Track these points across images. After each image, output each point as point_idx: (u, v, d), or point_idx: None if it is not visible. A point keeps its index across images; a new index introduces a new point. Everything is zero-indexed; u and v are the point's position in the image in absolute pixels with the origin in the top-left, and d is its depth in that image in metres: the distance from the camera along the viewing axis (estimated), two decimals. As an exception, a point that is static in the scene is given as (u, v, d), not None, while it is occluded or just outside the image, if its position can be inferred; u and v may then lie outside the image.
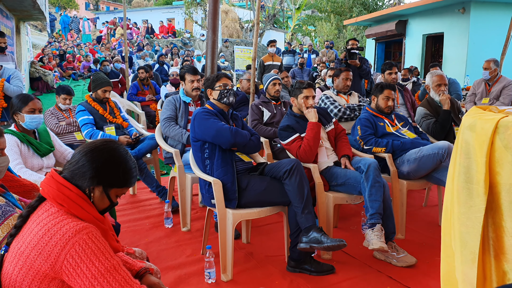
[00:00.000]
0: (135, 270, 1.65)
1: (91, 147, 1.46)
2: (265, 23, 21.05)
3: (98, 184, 1.45)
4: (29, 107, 3.03)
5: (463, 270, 1.62)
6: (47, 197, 1.41)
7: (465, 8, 10.09)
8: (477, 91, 5.93)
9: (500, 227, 1.54)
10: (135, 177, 1.54)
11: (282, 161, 2.83)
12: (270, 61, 9.13)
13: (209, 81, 3.05)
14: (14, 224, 1.43)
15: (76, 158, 1.45)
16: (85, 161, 1.43)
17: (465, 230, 1.62)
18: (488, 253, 1.61)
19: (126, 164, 1.49)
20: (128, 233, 3.46)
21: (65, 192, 1.40)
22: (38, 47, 16.79)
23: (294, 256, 2.79)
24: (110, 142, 1.50)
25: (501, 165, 1.52)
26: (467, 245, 1.60)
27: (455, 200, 1.67)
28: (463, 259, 1.62)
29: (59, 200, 1.39)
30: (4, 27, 8.08)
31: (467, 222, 1.61)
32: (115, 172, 1.47)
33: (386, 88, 3.60)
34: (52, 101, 9.87)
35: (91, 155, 1.44)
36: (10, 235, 1.41)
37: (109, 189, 1.47)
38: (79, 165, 1.44)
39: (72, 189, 1.41)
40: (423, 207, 4.12)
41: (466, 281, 1.60)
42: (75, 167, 1.44)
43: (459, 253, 1.65)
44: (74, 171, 1.44)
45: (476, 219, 1.57)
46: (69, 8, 29.84)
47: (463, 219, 1.63)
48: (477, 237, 1.57)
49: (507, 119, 1.52)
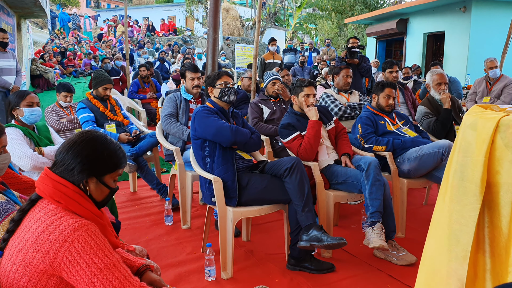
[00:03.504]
0: (136, 267, 1.65)
1: (70, 143, 1.46)
2: (266, 21, 21.01)
3: (89, 176, 1.44)
4: (27, 100, 3.04)
5: (453, 267, 1.62)
6: (43, 195, 1.41)
7: (466, 7, 10.07)
8: (478, 90, 5.93)
9: (497, 228, 1.54)
10: (123, 157, 1.52)
11: (282, 159, 2.83)
12: (271, 59, 9.14)
13: (210, 78, 3.04)
14: (6, 229, 1.42)
15: (60, 158, 1.45)
16: (69, 159, 1.43)
17: (458, 227, 1.61)
18: (482, 252, 1.60)
19: (109, 148, 1.48)
20: (129, 230, 3.47)
21: (61, 189, 1.40)
22: (39, 44, 16.78)
23: (294, 254, 2.80)
24: (86, 133, 1.49)
25: (501, 164, 1.52)
26: (459, 243, 1.60)
27: (449, 197, 1.67)
28: (454, 255, 1.62)
29: (56, 197, 1.39)
30: (5, 24, 8.08)
31: (460, 220, 1.61)
32: (101, 159, 1.46)
33: (387, 87, 3.60)
34: (53, 98, 9.88)
35: (72, 151, 1.43)
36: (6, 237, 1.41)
37: (102, 177, 1.47)
38: (65, 165, 1.43)
39: (68, 186, 1.41)
40: (423, 205, 4.12)
41: (455, 277, 1.60)
42: (62, 167, 1.44)
43: (448, 250, 1.64)
44: (62, 171, 1.43)
45: (470, 217, 1.57)
46: (70, 5, 29.78)
47: (456, 217, 1.62)
48: (470, 235, 1.57)
49: (508, 117, 1.52)
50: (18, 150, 2.84)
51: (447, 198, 1.68)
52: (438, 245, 1.70)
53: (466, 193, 1.59)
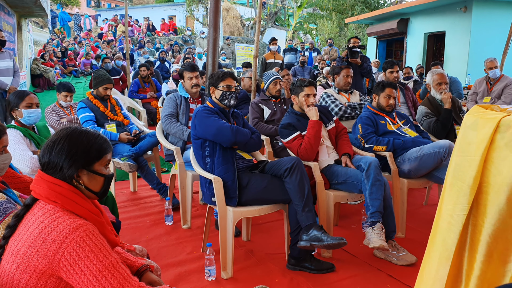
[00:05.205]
0: (136, 267, 1.65)
1: (50, 144, 1.46)
2: (266, 21, 20.99)
3: (78, 168, 1.45)
4: (26, 101, 3.04)
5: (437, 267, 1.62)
6: (39, 197, 1.41)
7: (467, 7, 10.07)
8: (478, 90, 5.93)
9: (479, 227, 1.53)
10: (104, 142, 1.52)
11: (282, 159, 2.83)
12: (272, 59, 9.14)
13: (213, 78, 3.00)
14: (3, 235, 1.42)
15: (45, 160, 1.45)
16: (54, 158, 1.43)
17: (446, 226, 1.61)
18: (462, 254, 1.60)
19: (88, 137, 1.49)
20: (129, 230, 3.47)
21: (57, 189, 1.40)
22: (39, 44, 16.77)
23: (294, 254, 2.80)
24: (62, 130, 1.50)
25: (500, 164, 1.51)
26: (445, 242, 1.60)
27: (443, 196, 1.67)
28: (439, 255, 1.62)
29: (52, 198, 1.39)
30: (6, 23, 8.08)
31: (450, 219, 1.60)
32: (84, 150, 1.46)
33: (388, 87, 3.60)
34: (53, 98, 9.87)
35: (55, 151, 1.44)
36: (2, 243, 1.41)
37: (91, 167, 1.48)
38: (52, 165, 1.43)
39: (62, 185, 1.42)
40: (423, 205, 4.12)
41: (437, 277, 1.61)
42: (51, 168, 1.44)
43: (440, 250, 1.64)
44: (53, 172, 1.44)
45: (459, 217, 1.57)
46: (71, 5, 29.76)
47: (446, 216, 1.62)
48: (456, 235, 1.57)
49: (508, 118, 1.51)
50: (18, 152, 2.83)
51: (441, 197, 1.69)
52: (433, 245, 1.71)
53: (458, 193, 1.59)
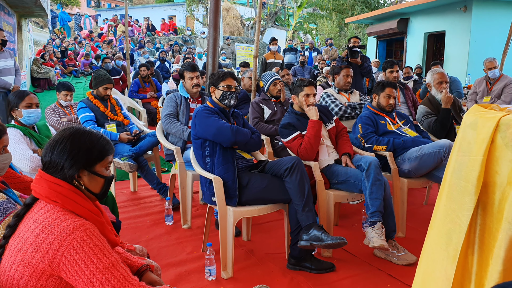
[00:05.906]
0: (136, 266, 1.65)
1: (53, 143, 1.46)
2: (266, 21, 20.99)
3: (79, 169, 1.44)
4: (26, 102, 3.05)
5: (445, 266, 1.62)
6: (39, 197, 1.41)
7: (467, 7, 10.07)
8: (478, 90, 5.93)
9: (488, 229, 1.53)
10: (106, 144, 1.52)
11: (283, 158, 2.83)
12: (272, 59, 9.14)
13: (214, 77, 3.00)
14: (3, 235, 1.42)
15: (47, 160, 1.45)
16: (56, 158, 1.43)
17: (452, 226, 1.61)
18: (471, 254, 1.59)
19: (91, 138, 1.48)
20: (129, 230, 3.47)
21: (57, 188, 1.40)
22: (39, 44, 16.76)
23: (294, 254, 2.80)
24: (65, 130, 1.49)
25: (501, 164, 1.51)
26: (452, 242, 1.60)
27: (446, 196, 1.67)
28: (446, 255, 1.62)
29: (52, 197, 1.39)
30: (6, 23, 8.08)
31: (455, 219, 1.60)
32: (86, 151, 1.46)
33: (388, 86, 3.60)
34: (53, 98, 9.87)
35: (57, 150, 1.44)
36: (2, 243, 1.41)
37: (92, 168, 1.47)
38: (53, 165, 1.43)
39: (63, 185, 1.42)
40: (423, 205, 4.12)
41: (445, 276, 1.61)
42: (52, 168, 1.44)
43: (442, 249, 1.64)
44: (54, 172, 1.44)
45: (464, 217, 1.57)
46: (71, 5, 29.76)
47: (452, 216, 1.62)
48: (462, 235, 1.57)
49: (508, 117, 1.51)
50: (18, 151, 2.84)
51: (444, 197, 1.68)
52: (435, 244, 1.70)
53: (462, 193, 1.59)
